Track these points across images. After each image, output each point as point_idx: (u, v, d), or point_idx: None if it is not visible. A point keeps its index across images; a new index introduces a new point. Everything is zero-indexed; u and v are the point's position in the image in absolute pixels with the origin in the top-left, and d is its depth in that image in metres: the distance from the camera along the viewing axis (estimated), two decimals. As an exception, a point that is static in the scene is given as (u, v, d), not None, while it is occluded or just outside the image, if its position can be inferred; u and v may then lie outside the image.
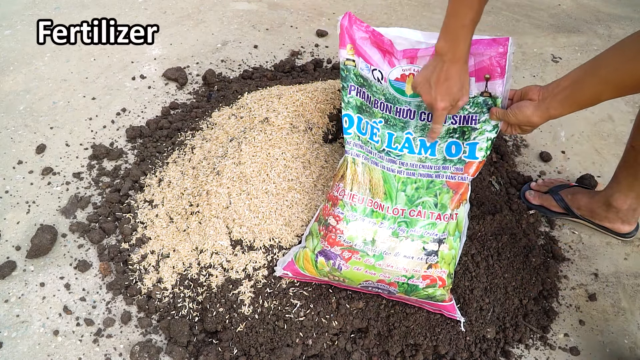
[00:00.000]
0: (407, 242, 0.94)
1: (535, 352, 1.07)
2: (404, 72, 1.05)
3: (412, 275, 0.94)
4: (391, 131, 1.02)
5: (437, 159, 1.00)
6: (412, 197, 0.97)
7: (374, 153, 1.00)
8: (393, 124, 1.03)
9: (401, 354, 1.02)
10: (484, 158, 0.98)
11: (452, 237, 0.97)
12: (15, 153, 1.36)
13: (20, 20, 1.81)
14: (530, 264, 1.14)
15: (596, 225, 1.26)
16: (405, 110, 1.04)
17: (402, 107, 1.04)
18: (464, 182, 0.98)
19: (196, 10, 1.96)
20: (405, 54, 1.07)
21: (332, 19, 1.99)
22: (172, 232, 1.15)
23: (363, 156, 0.98)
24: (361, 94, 1.02)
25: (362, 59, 1.04)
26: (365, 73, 1.04)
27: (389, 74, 1.05)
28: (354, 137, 0.99)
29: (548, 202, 1.29)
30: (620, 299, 1.17)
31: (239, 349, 0.99)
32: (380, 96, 1.04)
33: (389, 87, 1.05)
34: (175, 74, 1.62)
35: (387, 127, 1.03)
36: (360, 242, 0.94)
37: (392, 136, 1.02)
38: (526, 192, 1.33)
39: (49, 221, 1.21)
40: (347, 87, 1.00)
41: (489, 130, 0.99)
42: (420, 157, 1.01)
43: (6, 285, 1.09)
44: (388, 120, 1.03)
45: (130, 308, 1.08)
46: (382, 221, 0.96)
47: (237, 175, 1.13)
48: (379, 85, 1.05)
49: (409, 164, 1.00)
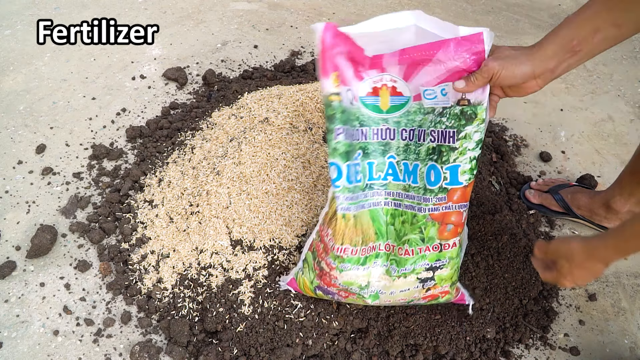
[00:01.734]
0: (400, 280, 0.89)
1: (535, 352, 1.07)
2: (375, 84, 0.86)
3: (411, 300, 0.94)
4: (371, 160, 0.87)
5: (419, 187, 0.86)
6: (399, 232, 0.89)
7: (359, 195, 0.86)
8: (372, 151, 0.87)
9: (401, 354, 1.02)
10: (469, 181, 0.84)
11: (452, 261, 0.91)
12: (15, 153, 1.36)
13: (20, 20, 1.81)
14: (531, 264, 1.14)
15: (595, 225, 1.26)
16: (383, 131, 0.87)
17: (379, 127, 0.86)
18: (450, 210, 0.86)
19: (196, 10, 1.96)
20: (374, 61, 0.85)
21: (332, 19, 1.99)
22: (172, 232, 1.15)
23: (353, 207, 0.86)
24: (347, 134, 0.83)
25: (343, 85, 0.82)
26: (346, 103, 0.83)
27: (358, 90, 0.85)
28: (343, 190, 0.84)
29: (548, 201, 1.29)
30: (620, 299, 1.17)
31: (239, 349, 0.99)
32: (355, 123, 0.85)
33: (360, 107, 0.85)
34: (175, 74, 1.62)
35: (366, 157, 0.87)
36: (355, 287, 0.90)
37: (372, 165, 0.87)
38: (526, 191, 1.33)
39: (49, 221, 1.21)
40: (333, 130, 0.80)
41: (472, 149, 0.82)
42: (405, 185, 0.88)
43: (6, 285, 1.09)
44: (366, 148, 0.86)
45: (130, 308, 1.08)
46: (375, 260, 0.90)
47: (237, 175, 1.13)
48: (352, 109, 0.85)
49: (395, 194, 0.89)
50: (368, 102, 0.86)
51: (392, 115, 0.87)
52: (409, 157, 0.87)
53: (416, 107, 0.86)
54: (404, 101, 0.86)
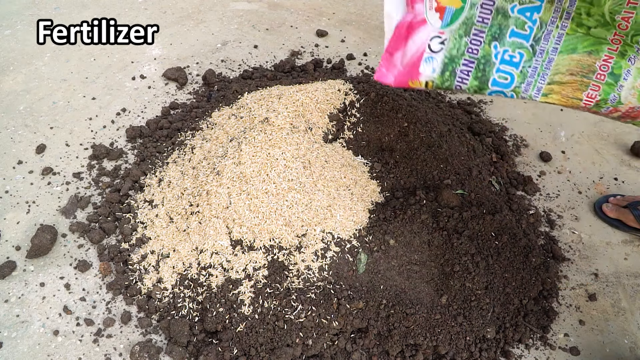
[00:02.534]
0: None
1: (535, 352, 1.07)
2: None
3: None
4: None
5: None
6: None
7: None
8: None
9: (401, 354, 1.02)
10: None
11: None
12: (15, 153, 1.36)
13: (20, 20, 1.81)
14: (530, 264, 1.14)
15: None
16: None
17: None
18: None
19: (196, 10, 1.96)
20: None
21: (332, 19, 1.99)
22: (172, 232, 1.15)
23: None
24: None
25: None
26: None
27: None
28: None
29: (625, 216, 1.28)
30: (620, 299, 1.17)
31: (239, 349, 0.99)
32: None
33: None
34: (175, 74, 1.62)
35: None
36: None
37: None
38: (603, 204, 1.32)
39: (49, 221, 1.21)
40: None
41: None
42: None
43: (6, 285, 1.09)
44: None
45: (130, 308, 1.08)
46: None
47: (237, 175, 1.13)
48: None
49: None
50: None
51: None
52: None
53: None
54: None
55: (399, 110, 1.31)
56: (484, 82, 0.90)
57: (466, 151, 1.35)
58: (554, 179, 1.45)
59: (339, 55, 1.80)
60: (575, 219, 1.34)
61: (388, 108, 1.32)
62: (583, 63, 0.84)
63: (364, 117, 1.32)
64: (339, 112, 1.30)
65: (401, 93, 1.39)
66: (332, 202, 1.14)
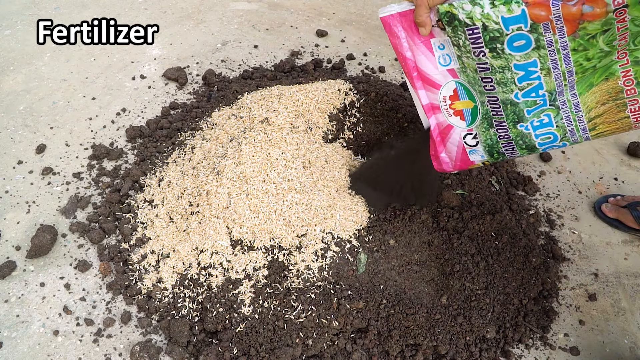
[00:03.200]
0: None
1: (535, 352, 1.07)
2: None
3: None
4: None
5: None
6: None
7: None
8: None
9: (401, 354, 1.02)
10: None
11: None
12: (15, 153, 1.36)
13: (20, 20, 1.81)
14: (530, 264, 1.14)
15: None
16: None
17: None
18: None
19: (196, 10, 1.96)
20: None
21: (332, 19, 1.99)
22: (172, 232, 1.15)
23: None
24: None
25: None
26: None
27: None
28: None
29: (624, 216, 1.29)
30: (620, 299, 1.17)
31: (239, 349, 0.99)
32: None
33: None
34: (175, 74, 1.62)
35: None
36: None
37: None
38: (602, 204, 1.33)
39: (49, 221, 1.21)
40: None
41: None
42: None
43: (6, 285, 1.09)
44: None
45: (130, 308, 1.08)
46: None
47: (237, 175, 1.13)
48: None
49: None
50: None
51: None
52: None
53: None
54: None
55: (399, 110, 1.31)
56: (532, 148, 0.93)
57: (466, 151, 1.35)
58: (554, 179, 1.45)
59: (339, 55, 1.80)
60: (575, 219, 1.34)
61: (388, 108, 1.32)
62: (606, 89, 0.85)
63: (364, 117, 1.32)
64: (339, 112, 1.30)
65: (401, 93, 1.39)
66: (332, 202, 1.14)
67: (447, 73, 0.91)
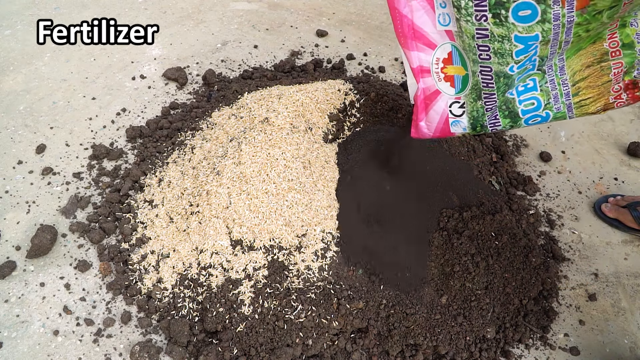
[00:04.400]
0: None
1: (535, 352, 1.07)
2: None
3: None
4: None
5: None
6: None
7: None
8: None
9: (401, 354, 1.02)
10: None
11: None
12: (15, 153, 1.36)
13: (20, 20, 1.81)
14: (530, 264, 1.14)
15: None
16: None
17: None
18: None
19: (196, 10, 1.96)
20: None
21: (332, 19, 1.99)
22: (172, 232, 1.15)
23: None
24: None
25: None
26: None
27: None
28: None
29: (624, 216, 1.29)
30: (620, 299, 1.17)
31: (239, 349, 0.99)
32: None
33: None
34: (175, 74, 1.62)
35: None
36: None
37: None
38: (602, 204, 1.33)
39: (49, 221, 1.21)
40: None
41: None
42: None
43: (6, 285, 1.09)
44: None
45: (130, 308, 1.08)
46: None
47: (237, 175, 1.13)
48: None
49: None
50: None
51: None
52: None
53: None
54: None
55: (399, 110, 1.31)
56: (515, 117, 0.91)
57: (466, 151, 1.35)
58: (554, 179, 1.45)
59: (339, 55, 1.80)
60: (575, 219, 1.34)
61: (388, 108, 1.31)
62: (592, 52, 0.84)
63: (364, 117, 1.32)
64: (339, 112, 1.30)
65: (401, 93, 1.39)
66: (332, 202, 1.14)
67: (445, 34, 0.87)
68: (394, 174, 1.19)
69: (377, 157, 1.21)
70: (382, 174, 1.19)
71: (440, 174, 1.23)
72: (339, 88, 1.33)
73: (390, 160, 1.20)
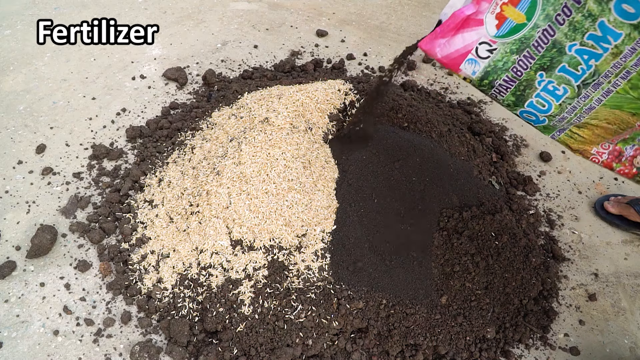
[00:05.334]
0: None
1: (535, 352, 1.07)
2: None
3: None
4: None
5: None
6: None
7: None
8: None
9: (401, 354, 1.02)
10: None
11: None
12: (15, 153, 1.36)
13: (20, 20, 1.81)
14: (530, 264, 1.14)
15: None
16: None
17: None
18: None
19: (196, 10, 1.96)
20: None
21: (332, 19, 1.99)
22: (172, 232, 1.15)
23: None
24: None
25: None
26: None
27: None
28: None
29: (627, 211, 1.28)
30: (620, 299, 1.17)
31: (239, 349, 0.99)
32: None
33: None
34: (175, 74, 1.62)
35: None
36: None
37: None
38: (605, 202, 1.32)
39: (49, 221, 1.21)
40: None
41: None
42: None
43: (6, 285, 1.09)
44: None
45: (130, 308, 1.08)
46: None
47: (237, 175, 1.13)
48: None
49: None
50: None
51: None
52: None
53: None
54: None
55: (399, 110, 1.31)
56: (520, 101, 0.89)
57: (466, 151, 1.35)
58: (554, 179, 1.45)
59: (339, 55, 1.80)
60: (575, 219, 1.34)
61: (388, 108, 1.31)
62: (624, 120, 0.83)
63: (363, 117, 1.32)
64: (339, 112, 1.30)
65: (401, 93, 1.39)
66: (332, 202, 1.14)
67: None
68: (394, 173, 1.19)
69: (377, 156, 1.21)
70: (382, 173, 1.19)
71: (440, 173, 1.23)
72: (339, 88, 1.33)
73: (390, 160, 1.20)
